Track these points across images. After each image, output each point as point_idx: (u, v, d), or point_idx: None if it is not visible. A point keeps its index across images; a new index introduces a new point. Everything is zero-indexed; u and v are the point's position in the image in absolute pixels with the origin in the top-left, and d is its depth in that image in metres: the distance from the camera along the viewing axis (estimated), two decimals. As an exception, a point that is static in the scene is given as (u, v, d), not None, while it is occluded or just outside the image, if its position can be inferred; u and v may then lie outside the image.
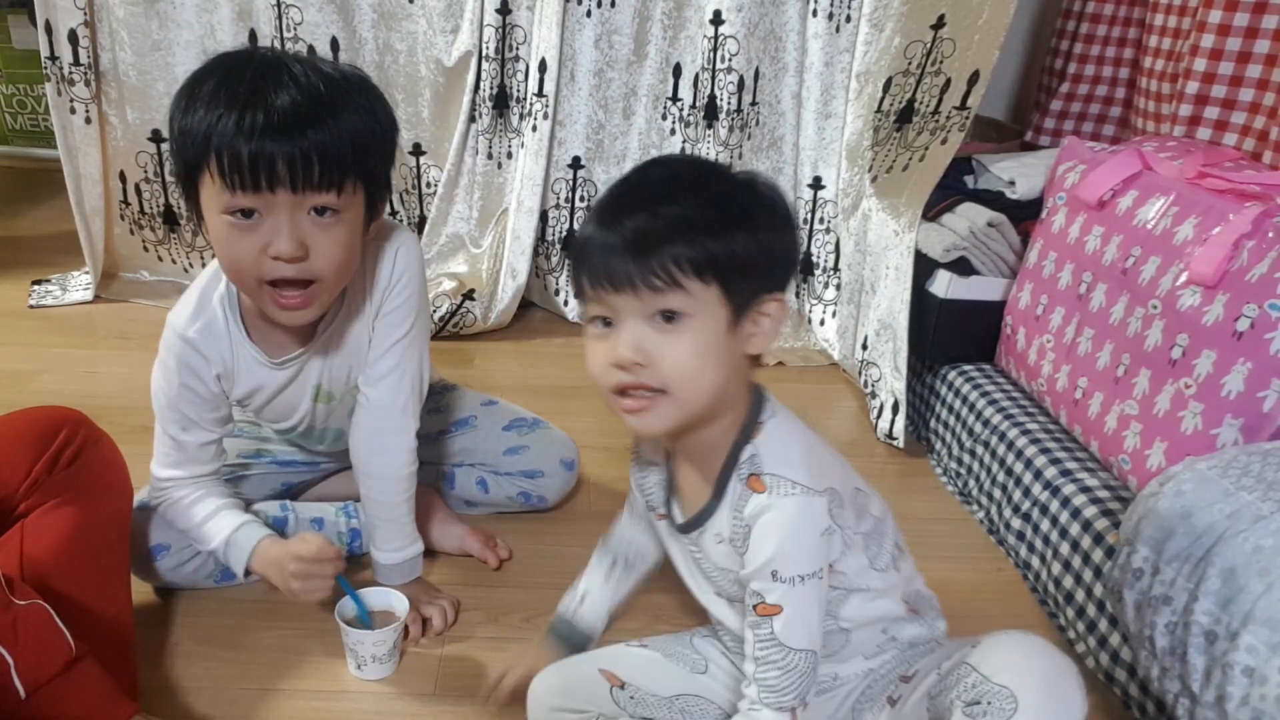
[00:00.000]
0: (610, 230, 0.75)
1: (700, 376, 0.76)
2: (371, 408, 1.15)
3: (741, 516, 0.80)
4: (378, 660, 1.10)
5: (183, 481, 1.13)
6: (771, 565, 0.78)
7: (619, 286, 0.74)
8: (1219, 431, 1.11)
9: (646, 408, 0.76)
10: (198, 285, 1.09)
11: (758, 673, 0.81)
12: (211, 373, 1.09)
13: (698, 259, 0.73)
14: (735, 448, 0.82)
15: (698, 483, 0.86)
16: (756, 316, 0.78)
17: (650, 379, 0.75)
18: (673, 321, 0.75)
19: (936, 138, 1.72)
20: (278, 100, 0.89)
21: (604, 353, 0.77)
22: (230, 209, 0.93)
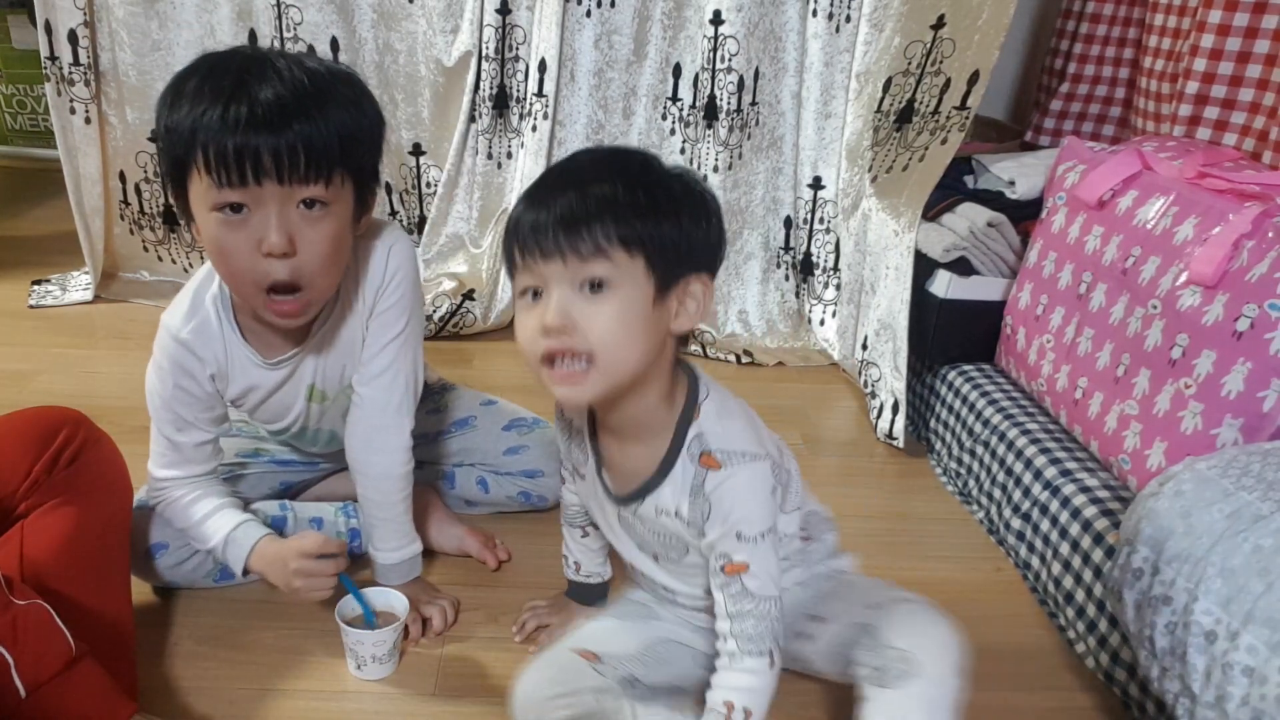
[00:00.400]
0: (541, 207, 0.79)
1: (625, 344, 0.80)
2: (366, 407, 1.15)
3: (703, 492, 0.87)
4: (378, 660, 1.10)
5: (180, 481, 1.13)
6: (736, 528, 0.86)
7: (548, 255, 0.78)
8: (1219, 431, 1.11)
9: (575, 378, 0.80)
10: (191, 286, 1.09)
11: (734, 627, 0.88)
12: (205, 373, 1.09)
13: (624, 233, 0.78)
14: (680, 428, 0.88)
15: (634, 458, 0.91)
16: (682, 295, 0.83)
17: (577, 344, 0.79)
18: (599, 290, 0.79)
19: (936, 138, 1.72)
20: (262, 93, 0.89)
21: (533, 321, 0.81)
22: (219, 204, 0.93)
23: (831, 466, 1.67)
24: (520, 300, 0.83)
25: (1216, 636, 0.84)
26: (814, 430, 1.78)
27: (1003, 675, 1.18)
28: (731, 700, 0.88)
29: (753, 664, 0.88)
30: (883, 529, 1.48)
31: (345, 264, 1.04)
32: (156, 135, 0.96)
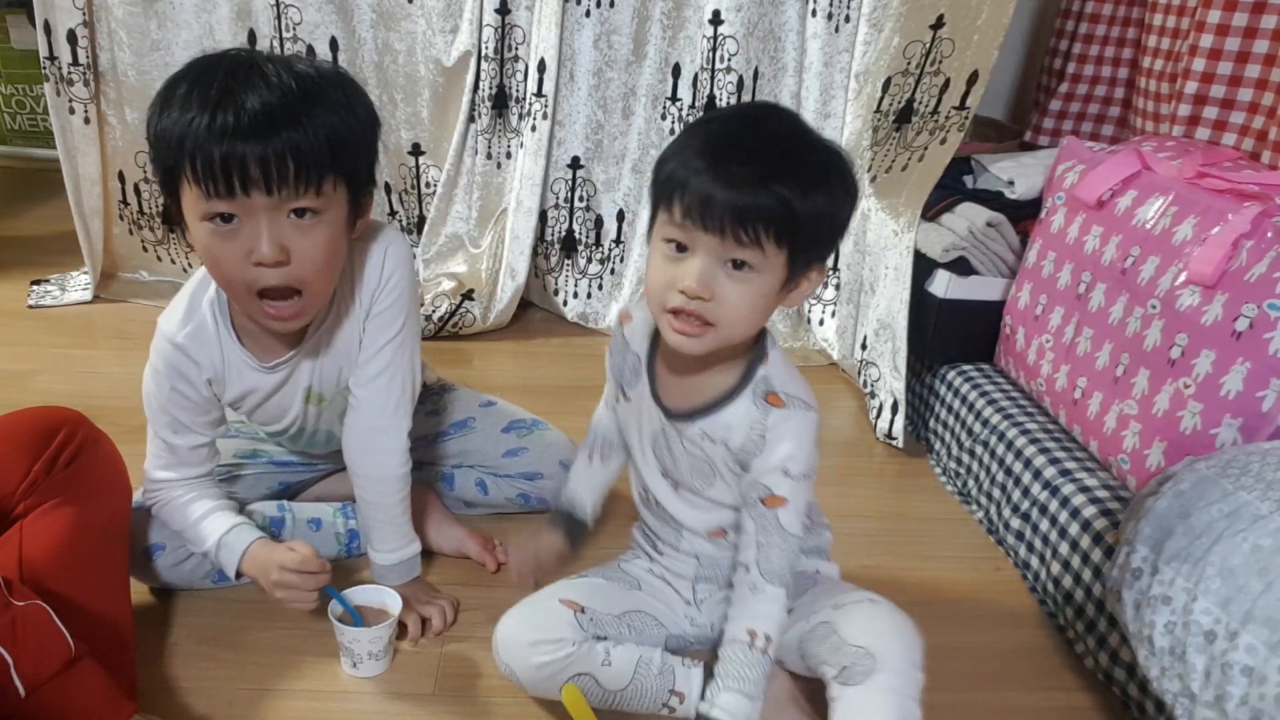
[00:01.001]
0: (716, 173, 0.82)
1: (746, 321, 0.88)
2: (363, 408, 1.14)
3: (764, 426, 0.94)
4: (374, 657, 1.10)
5: (176, 483, 1.13)
6: (785, 464, 0.94)
7: (709, 229, 0.82)
8: (1218, 431, 1.11)
9: (695, 333, 0.87)
10: (187, 289, 1.08)
11: (759, 556, 0.96)
12: (202, 377, 1.08)
13: (781, 227, 0.82)
14: (750, 367, 0.95)
15: (698, 383, 0.97)
16: (800, 280, 0.89)
17: (709, 312, 0.85)
18: (741, 270, 0.84)
19: (935, 138, 1.72)
20: (249, 101, 0.88)
21: (672, 274, 0.86)
22: (209, 215, 0.92)
23: (831, 466, 1.67)
24: (662, 245, 0.87)
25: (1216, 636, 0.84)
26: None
27: (1002, 675, 1.18)
28: (754, 628, 0.95)
29: (774, 592, 0.96)
30: (882, 529, 1.48)
31: (341, 268, 1.03)
32: (148, 143, 0.95)
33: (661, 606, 1.11)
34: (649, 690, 1.01)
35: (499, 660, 1.04)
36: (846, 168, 0.87)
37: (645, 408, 1.02)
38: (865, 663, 0.93)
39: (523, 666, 1.02)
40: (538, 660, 1.00)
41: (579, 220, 2.15)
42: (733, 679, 0.94)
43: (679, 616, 1.12)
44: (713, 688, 0.96)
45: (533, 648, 1.01)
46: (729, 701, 0.93)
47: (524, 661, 1.01)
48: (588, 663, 1.00)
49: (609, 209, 2.15)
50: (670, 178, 0.85)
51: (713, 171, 0.82)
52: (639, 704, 1.02)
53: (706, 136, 0.85)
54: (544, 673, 1.01)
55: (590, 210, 2.15)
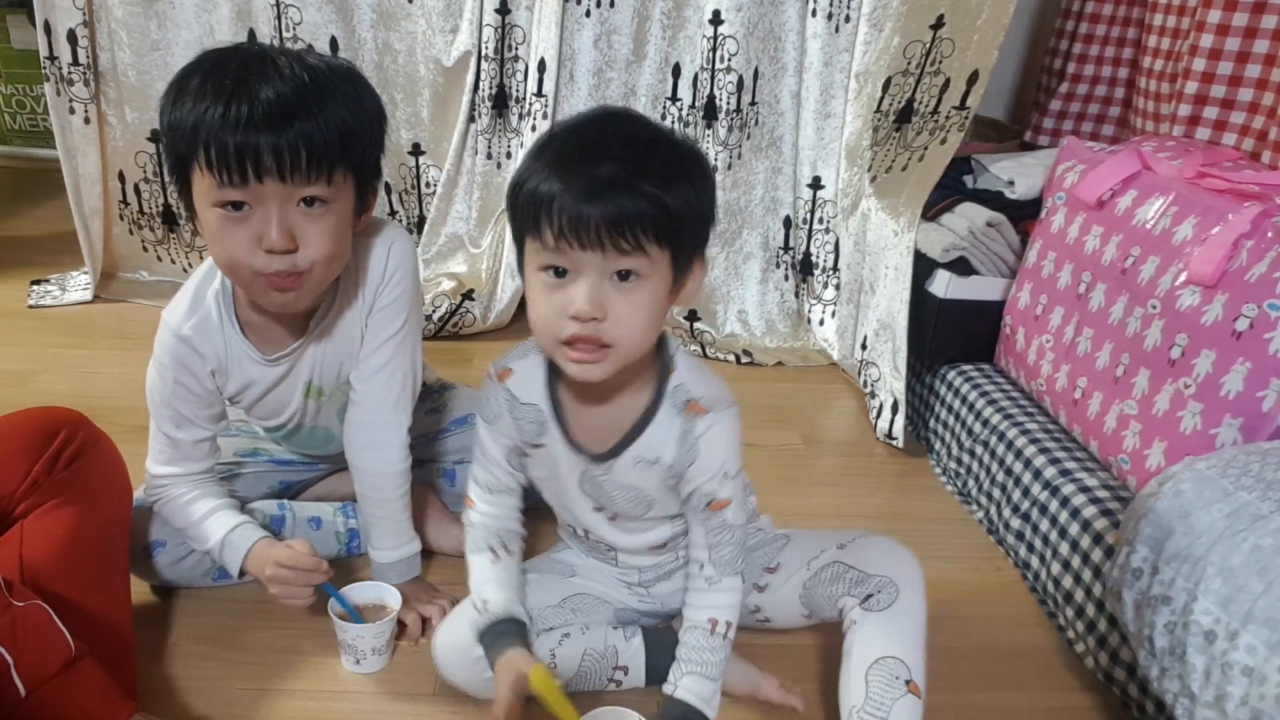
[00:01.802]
0: (577, 186, 0.78)
1: (645, 333, 0.85)
2: (364, 403, 1.15)
3: (691, 437, 0.92)
4: (377, 653, 1.11)
5: (179, 479, 1.13)
6: (724, 468, 0.94)
7: (587, 246, 0.79)
8: (1218, 431, 1.11)
9: (594, 359, 0.83)
10: (192, 282, 1.09)
11: (713, 555, 0.98)
12: (206, 369, 1.09)
13: (660, 227, 0.79)
14: (660, 381, 0.93)
15: (610, 415, 0.94)
16: (686, 277, 0.87)
17: (605, 332, 0.82)
18: (628, 280, 0.81)
19: (936, 137, 1.72)
20: (263, 92, 0.90)
21: (558, 302, 0.82)
22: (220, 201, 0.93)
23: (831, 466, 1.67)
24: (539, 274, 0.83)
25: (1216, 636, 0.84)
26: (813, 430, 1.77)
27: (1002, 675, 1.18)
28: (715, 617, 0.98)
29: (730, 583, 0.99)
30: (882, 529, 1.46)
31: (345, 259, 1.04)
32: (160, 131, 0.97)
33: (601, 586, 1.12)
34: (595, 673, 1.06)
35: (443, 676, 1.04)
36: (699, 154, 0.86)
37: (560, 455, 0.98)
38: (890, 589, 0.98)
39: (469, 680, 1.03)
40: (487, 675, 0.99)
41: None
42: (695, 664, 0.97)
43: (624, 593, 1.12)
44: (675, 671, 0.98)
45: (478, 661, 1.00)
46: (692, 684, 0.96)
47: (470, 676, 1.02)
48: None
49: (609, 209, 2.14)
50: (531, 203, 0.80)
51: (575, 186, 0.78)
52: (587, 685, 1.06)
53: (557, 152, 0.81)
54: (488, 685, 0.99)
55: (590, 210, 2.14)
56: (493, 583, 1.02)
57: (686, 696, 0.96)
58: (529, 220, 0.81)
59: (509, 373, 0.98)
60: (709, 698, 0.97)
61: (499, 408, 0.99)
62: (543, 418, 0.97)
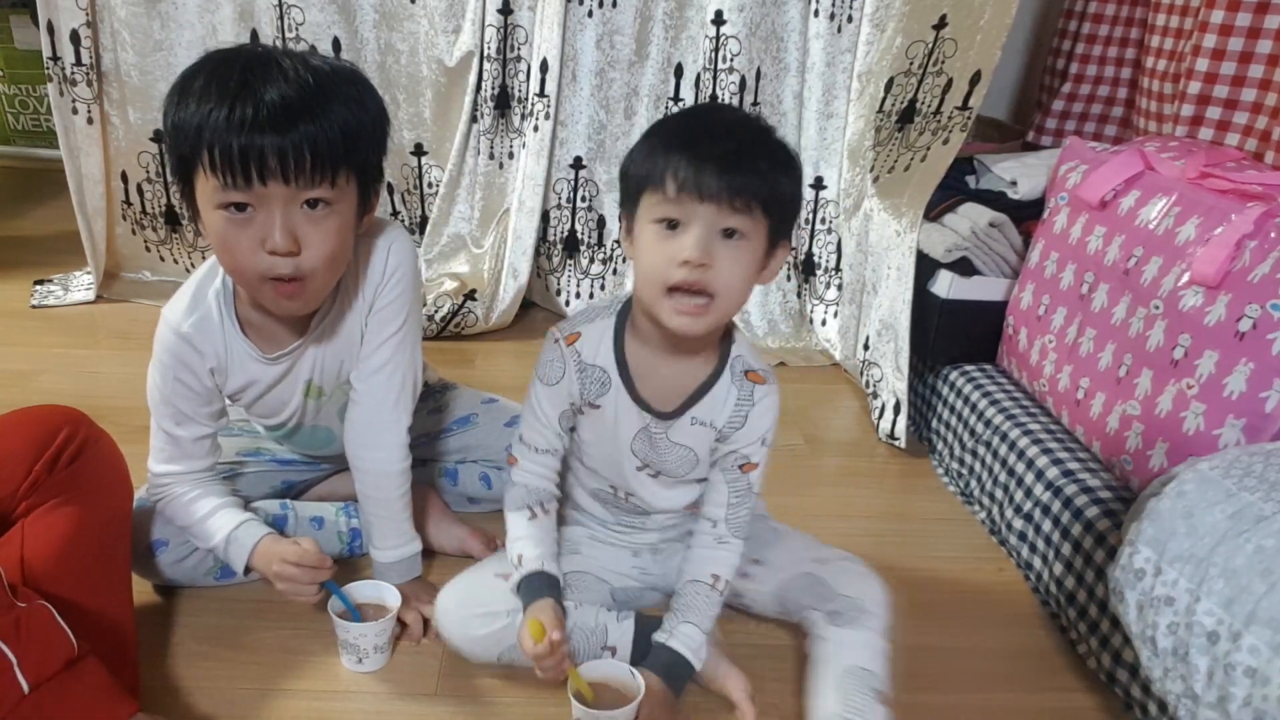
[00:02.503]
0: (704, 153, 0.88)
1: (742, 290, 0.94)
2: (364, 403, 1.15)
3: (750, 403, 1.03)
4: (379, 650, 1.11)
5: (181, 477, 1.13)
6: (764, 435, 1.06)
7: (705, 197, 0.88)
8: (1221, 432, 1.11)
9: (697, 311, 0.92)
10: (193, 280, 1.09)
11: (729, 514, 1.08)
12: (205, 367, 1.09)
13: (766, 195, 0.89)
14: (724, 350, 1.04)
15: (676, 376, 1.04)
16: (773, 254, 0.96)
17: (710, 281, 0.90)
18: (733, 238, 0.90)
19: (938, 138, 1.72)
20: (267, 94, 0.90)
21: (669, 250, 0.90)
22: (224, 203, 0.94)
23: (833, 467, 1.67)
24: (653, 225, 0.92)
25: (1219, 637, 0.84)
26: (815, 430, 1.77)
27: (1004, 675, 1.18)
28: (717, 573, 1.07)
29: (737, 544, 1.09)
30: (884, 529, 1.48)
31: (347, 260, 1.05)
32: (163, 132, 0.97)
33: (602, 565, 1.17)
34: (583, 649, 1.08)
35: (440, 631, 1.11)
36: (797, 156, 0.96)
37: (622, 413, 1.06)
38: (854, 608, 1.06)
39: (461, 638, 1.09)
40: (474, 633, 1.08)
41: (581, 220, 2.15)
42: (692, 612, 1.06)
43: (625, 570, 1.18)
44: (670, 619, 1.06)
45: (471, 621, 1.08)
46: (687, 631, 1.05)
47: (462, 633, 1.09)
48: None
49: (611, 209, 2.15)
50: (655, 164, 0.90)
51: (701, 150, 0.88)
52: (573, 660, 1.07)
53: (677, 128, 0.93)
54: (483, 644, 1.08)
55: (593, 210, 2.15)
56: (528, 539, 1.09)
57: (678, 645, 1.04)
58: (654, 174, 0.90)
59: (577, 336, 1.06)
60: (697, 648, 1.05)
61: (561, 370, 1.06)
62: (607, 378, 1.05)
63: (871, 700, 0.99)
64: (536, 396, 1.09)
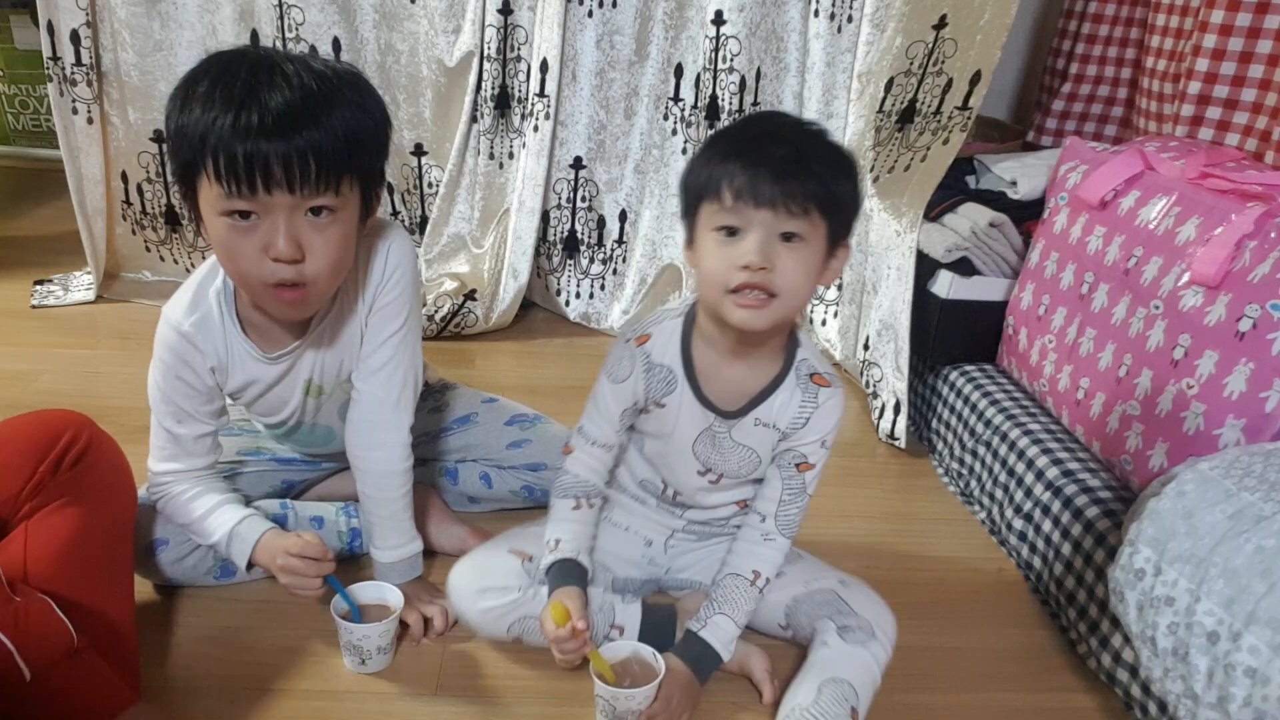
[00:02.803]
0: (759, 159, 0.90)
1: (803, 289, 0.95)
2: (365, 402, 1.15)
3: (815, 405, 1.06)
4: (383, 651, 1.11)
5: (181, 475, 1.14)
6: (824, 437, 1.08)
7: (761, 204, 0.90)
8: (1221, 432, 1.11)
9: (758, 306, 0.94)
10: (194, 279, 1.09)
11: (780, 511, 1.09)
12: (205, 365, 1.09)
13: (823, 198, 0.91)
14: (789, 352, 1.06)
15: (741, 378, 1.06)
16: (834, 254, 0.97)
17: (771, 282, 0.92)
18: (791, 241, 0.92)
19: (938, 138, 1.72)
20: (272, 100, 0.89)
21: (729, 255, 0.93)
22: (227, 210, 0.93)
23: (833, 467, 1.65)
24: (714, 233, 0.94)
25: (1219, 637, 0.84)
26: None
27: (1004, 675, 1.18)
28: (759, 569, 1.09)
29: (783, 543, 1.10)
30: (884, 529, 1.48)
31: (349, 265, 1.05)
32: (165, 136, 0.96)
33: (609, 551, 1.18)
34: (592, 627, 1.08)
35: (451, 605, 1.14)
36: (854, 157, 0.97)
37: (686, 412, 1.08)
38: (865, 630, 1.07)
39: (471, 610, 1.11)
40: (484, 605, 1.10)
41: (581, 220, 2.15)
42: (729, 605, 1.08)
43: (634, 560, 1.20)
44: (707, 609, 1.08)
45: (480, 594, 1.11)
46: (721, 624, 1.07)
47: (472, 606, 1.11)
48: (533, 607, 1.09)
49: (611, 209, 2.15)
50: (711, 174, 0.93)
51: (754, 157, 0.91)
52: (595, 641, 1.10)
53: (732, 138, 0.95)
54: (490, 616, 1.11)
55: (593, 210, 2.15)
56: (569, 523, 1.12)
57: (710, 636, 1.06)
58: (711, 184, 0.93)
59: (647, 338, 1.08)
60: (729, 641, 1.07)
61: (630, 368, 1.08)
62: (674, 377, 1.07)
63: (843, 712, 1.00)
64: (602, 392, 1.11)
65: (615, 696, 1.01)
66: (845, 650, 1.06)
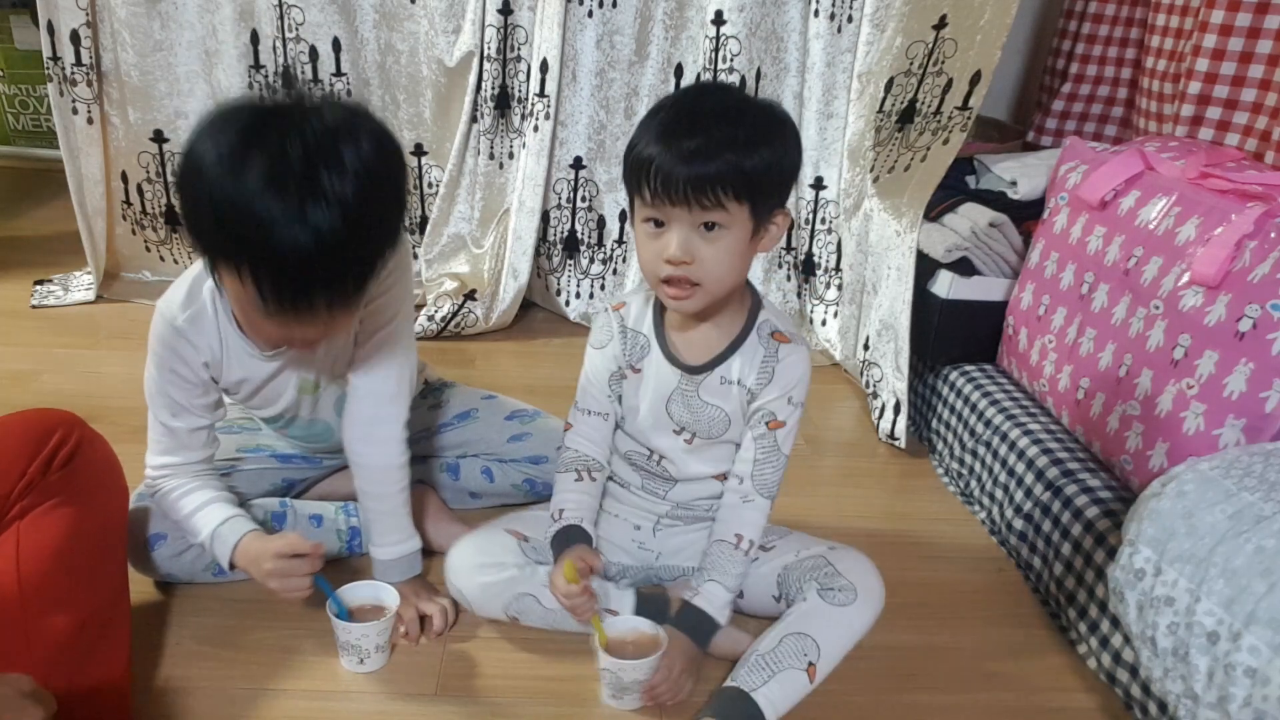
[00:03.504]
0: (671, 152, 0.93)
1: (728, 275, 0.99)
2: (360, 397, 1.16)
3: (775, 361, 1.08)
4: (380, 650, 1.11)
5: (178, 468, 1.14)
6: (789, 392, 1.09)
7: (675, 202, 0.94)
8: (1221, 432, 1.11)
9: (687, 295, 0.99)
10: (189, 276, 1.09)
11: (755, 472, 1.11)
12: (199, 360, 1.10)
13: (738, 185, 0.93)
14: (752, 313, 1.09)
15: (705, 337, 1.09)
16: (768, 226, 1.00)
17: (693, 274, 0.97)
18: (712, 230, 0.96)
19: (938, 138, 1.72)
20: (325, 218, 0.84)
21: (657, 248, 0.98)
22: (259, 309, 0.92)
23: (833, 467, 1.67)
24: (643, 225, 0.99)
25: (1219, 637, 0.84)
26: (816, 430, 1.77)
27: (1005, 675, 1.18)
28: (741, 533, 1.11)
29: (763, 504, 1.12)
30: (884, 529, 1.48)
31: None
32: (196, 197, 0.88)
33: (603, 541, 1.20)
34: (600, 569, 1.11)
35: (449, 583, 1.17)
36: (784, 118, 0.99)
37: (657, 373, 1.12)
38: (848, 592, 1.09)
39: (469, 586, 1.15)
40: (482, 580, 1.14)
41: (581, 220, 2.15)
42: (717, 571, 1.10)
43: (623, 544, 1.22)
44: (697, 578, 1.11)
45: (478, 570, 1.15)
46: (711, 589, 1.09)
47: (470, 582, 1.15)
48: (529, 585, 1.13)
49: (611, 209, 2.15)
50: (636, 167, 0.96)
51: (669, 154, 0.93)
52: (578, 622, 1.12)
53: (660, 122, 0.96)
54: (489, 593, 1.14)
55: (593, 210, 2.15)
56: (572, 493, 1.16)
57: (703, 603, 1.09)
58: (634, 182, 0.97)
59: (623, 305, 1.15)
60: (723, 606, 1.09)
61: (610, 332, 1.14)
62: (647, 342, 1.13)
63: (798, 664, 1.03)
64: (589, 360, 1.17)
65: (621, 668, 1.03)
66: (821, 608, 1.08)
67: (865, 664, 1.12)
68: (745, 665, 1.04)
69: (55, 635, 0.91)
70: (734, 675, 1.04)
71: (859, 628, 1.08)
